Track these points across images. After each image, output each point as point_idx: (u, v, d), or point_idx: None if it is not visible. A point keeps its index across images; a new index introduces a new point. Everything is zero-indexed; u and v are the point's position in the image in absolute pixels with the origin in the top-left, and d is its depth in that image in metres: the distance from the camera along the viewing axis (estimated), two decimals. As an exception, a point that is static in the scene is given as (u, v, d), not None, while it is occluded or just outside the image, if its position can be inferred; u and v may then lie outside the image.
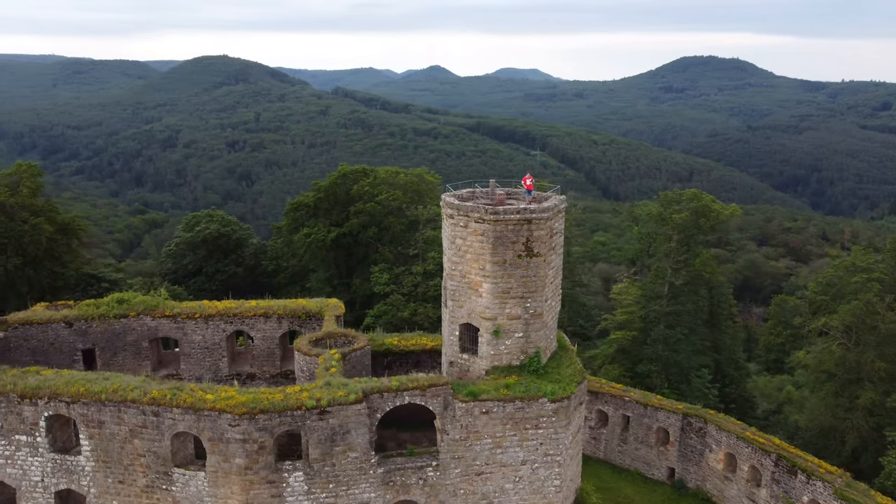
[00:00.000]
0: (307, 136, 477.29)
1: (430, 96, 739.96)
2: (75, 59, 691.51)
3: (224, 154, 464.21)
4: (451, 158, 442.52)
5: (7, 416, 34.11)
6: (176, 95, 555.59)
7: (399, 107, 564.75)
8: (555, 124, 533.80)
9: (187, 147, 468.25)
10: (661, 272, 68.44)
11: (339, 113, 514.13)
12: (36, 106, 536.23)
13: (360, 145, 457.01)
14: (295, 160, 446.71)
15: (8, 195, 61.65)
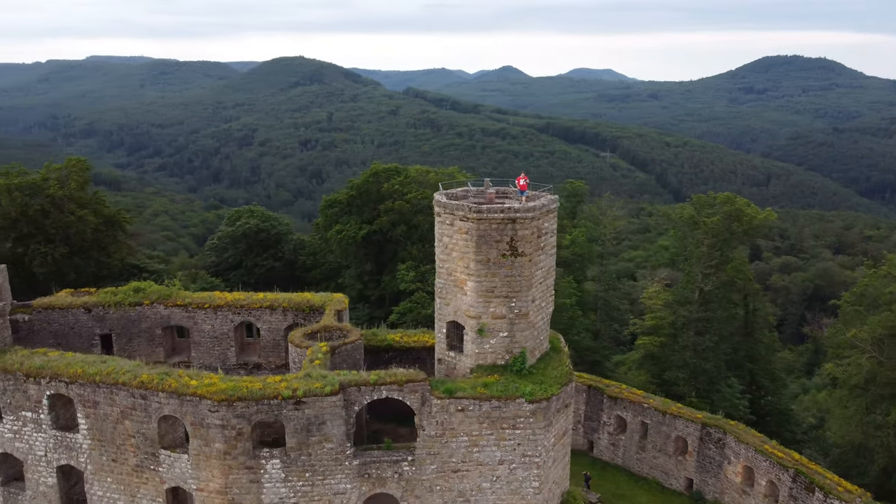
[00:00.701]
0: (377, 136, 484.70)
1: (500, 97, 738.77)
2: (162, 61, 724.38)
3: (297, 152, 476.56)
4: (518, 159, 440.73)
5: (14, 394, 36.54)
6: (254, 95, 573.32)
7: (469, 107, 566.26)
8: (626, 125, 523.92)
9: (262, 145, 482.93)
10: (692, 277, 66.64)
11: (408, 113, 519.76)
12: (124, 105, 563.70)
13: (428, 145, 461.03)
14: (364, 159, 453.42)
15: (57, 188, 65.55)
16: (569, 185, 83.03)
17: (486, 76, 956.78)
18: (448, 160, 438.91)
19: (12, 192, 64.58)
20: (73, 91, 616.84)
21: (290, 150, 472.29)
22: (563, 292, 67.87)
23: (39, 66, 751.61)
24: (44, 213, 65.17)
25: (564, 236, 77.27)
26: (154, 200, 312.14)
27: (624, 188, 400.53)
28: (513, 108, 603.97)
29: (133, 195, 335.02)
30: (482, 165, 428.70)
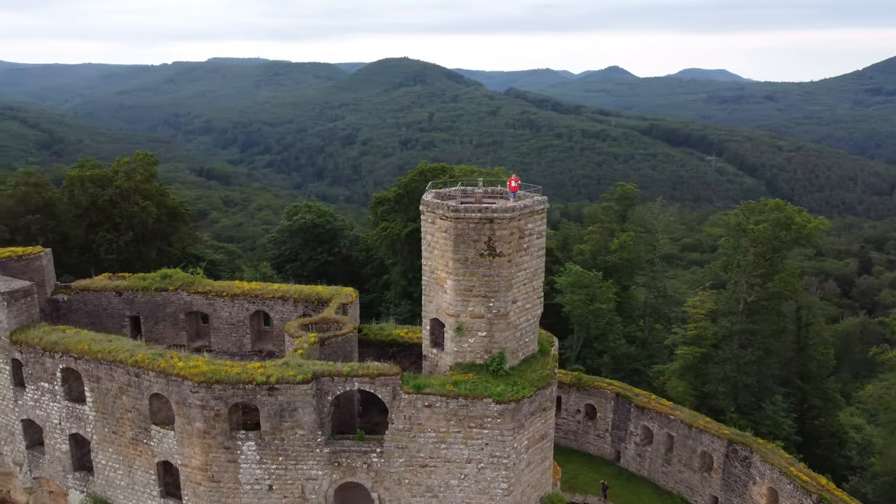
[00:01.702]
0: (475, 136, 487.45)
1: (605, 98, 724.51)
2: (275, 62, 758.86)
3: (396, 152, 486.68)
4: (617, 162, 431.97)
5: (35, 366, 40.20)
6: (359, 95, 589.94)
7: (570, 108, 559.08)
8: (735, 128, 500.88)
9: (364, 144, 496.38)
10: (737, 287, 63.70)
11: (508, 113, 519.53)
12: (239, 104, 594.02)
13: (526, 146, 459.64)
14: (461, 159, 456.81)
15: (124, 180, 70.83)
16: (619, 188, 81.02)
17: (590, 77, 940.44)
18: (545, 161, 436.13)
19: (84, 183, 70.41)
20: (194, 91, 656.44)
21: (391, 150, 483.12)
22: (602, 297, 66.65)
23: (166, 67, 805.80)
24: (111, 203, 70.65)
25: (612, 240, 75.75)
26: (259, 195, 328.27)
27: (729, 194, 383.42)
28: (617, 109, 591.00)
29: (241, 189, 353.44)
30: (580, 167, 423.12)
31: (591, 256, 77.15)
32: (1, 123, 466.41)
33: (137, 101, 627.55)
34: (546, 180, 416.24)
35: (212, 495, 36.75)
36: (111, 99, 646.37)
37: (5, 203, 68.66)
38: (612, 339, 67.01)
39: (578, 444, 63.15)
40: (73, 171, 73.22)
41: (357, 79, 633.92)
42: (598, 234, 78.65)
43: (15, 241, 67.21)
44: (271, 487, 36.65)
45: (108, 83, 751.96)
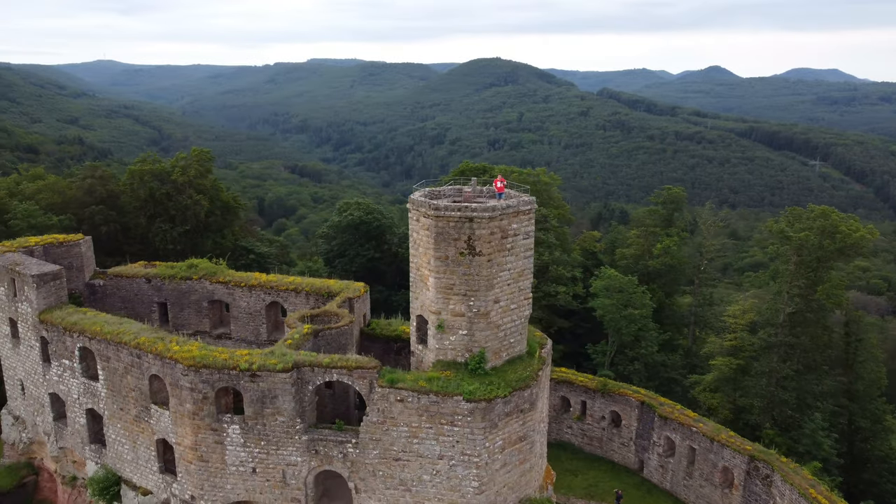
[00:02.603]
0: (564, 137, 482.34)
1: (704, 99, 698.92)
2: (371, 63, 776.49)
3: (484, 152, 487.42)
4: (712, 165, 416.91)
5: (58, 344, 43.54)
6: (450, 96, 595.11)
7: (665, 109, 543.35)
8: (844, 131, 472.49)
9: (452, 144, 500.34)
10: (778, 297, 60.70)
11: (599, 114, 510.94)
12: (334, 104, 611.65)
13: (616, 147, 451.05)
14: (549, 160, 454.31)
15: (179, 174, 75.03)
16: (665, 192, 78.51)
17: (689, 77, 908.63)
18: (635, 164, 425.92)
19: (144, 176, 75.09)
20: (293, 91, 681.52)
21: (479, 150, 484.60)
22: (636, 303, 65.10)
23: (268, 68, 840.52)
24: (168, 196, 74.96)
25: (656, 245, 73.73)
26: (347, 193, 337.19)
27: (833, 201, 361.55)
28: (715, 110, 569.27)
29: (330, 187, 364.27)
30: (671, 170, 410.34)
31: (634, 261, 75.28)
32: (117, 120, 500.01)
33: (240, 101, 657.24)
34: (635, 183, 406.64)
35: (201, 474, 38.72)
36: (216, 98, 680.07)
37: (75, 194, 74.18)
38: (644, 345, 65.23)
39: (603, 451, 62.03)
40: (135, 165, 78.22)
41: (448, 79, 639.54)
42: (642, 238, 76.62)
43: (80, 229, 72.51)
44: (255, 470, 38.25)
45: (214, 83, 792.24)
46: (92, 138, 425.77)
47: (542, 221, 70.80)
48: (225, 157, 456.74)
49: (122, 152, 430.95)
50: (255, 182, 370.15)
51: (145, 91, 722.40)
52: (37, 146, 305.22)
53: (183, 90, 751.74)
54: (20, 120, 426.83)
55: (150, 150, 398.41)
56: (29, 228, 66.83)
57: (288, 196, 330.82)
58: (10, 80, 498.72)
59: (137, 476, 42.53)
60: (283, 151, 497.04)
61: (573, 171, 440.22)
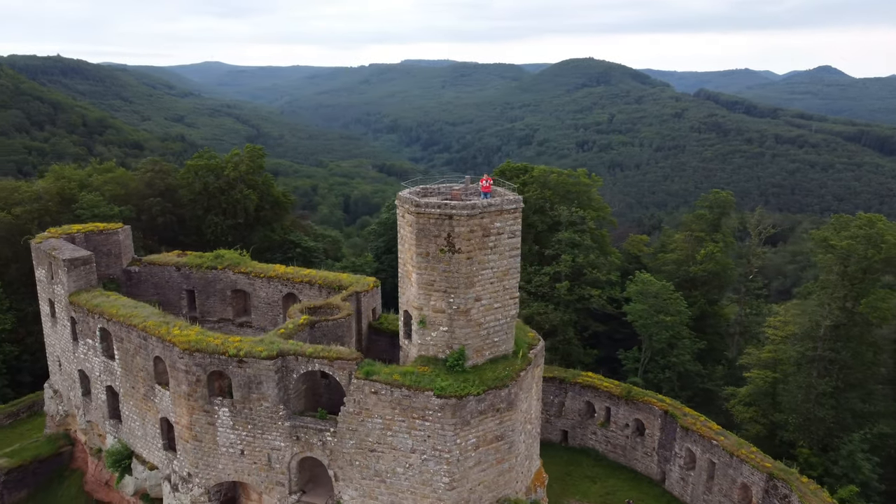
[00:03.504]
0: (656, 140, 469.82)
1: (811, 100, 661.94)
2: (462, 63, 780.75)
3: (572, 153, 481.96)
4: (814, 170, 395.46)
5: (83, 324, 46.83)
6: (540, 96, 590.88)
7: (766, 111, 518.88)
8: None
9: (540, 145, 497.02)
10: (820, 309, 57.38)
11: (694, 116, 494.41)
12: (424, 105, 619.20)
13: (710, 151, 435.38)
14: (639, 163, 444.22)
15: (231, 169, 78.63)
16: (713, 195, 75.37)
17: (796, 77, 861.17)
18: (730, 168, 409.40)
19: (199, 171, 79.13)
20: (385, 91, 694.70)
21: (566, 151, 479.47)
22: (669, 309, 63.19)
23: (363, 69, 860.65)
24: (220, 190, 78.70)
25: (700, 250, 71.22)
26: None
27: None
28: (822, 113, 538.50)
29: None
30: (769, 175, 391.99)
31: (677, 266, 72.89)
32: (219, 119, 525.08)
33: (335, 101, 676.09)
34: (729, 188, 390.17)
35: (196, 452, 40.75)
36: (313, 98, 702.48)
37: (137, 186, 79.13)
38: (675, 353, 63.13)
39: (626, 459, 60.55)
40: (192, 160, 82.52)
41: (539, 80, 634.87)
42: (687, 243, 74.01)
43: (140, 219, 77.43)
44: (243, 452, 39.91)
45: (311, 84, 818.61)
46: (194, 135, 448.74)
47: (578, 223, 69.85)
48: (317, 156, 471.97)
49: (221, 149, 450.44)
50: (343, 180, 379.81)
51: (247, 91, 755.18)
52: (142, 142, 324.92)
53: (282, 90, 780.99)
54: (132, 118, 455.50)
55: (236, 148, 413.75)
56: (93, 217, 71.82)
57: (373, 194, 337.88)
58: (124, 80, 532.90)
59: (146, 451, 45.22)
60: (372, 150, 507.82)
61: (664, 174, 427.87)
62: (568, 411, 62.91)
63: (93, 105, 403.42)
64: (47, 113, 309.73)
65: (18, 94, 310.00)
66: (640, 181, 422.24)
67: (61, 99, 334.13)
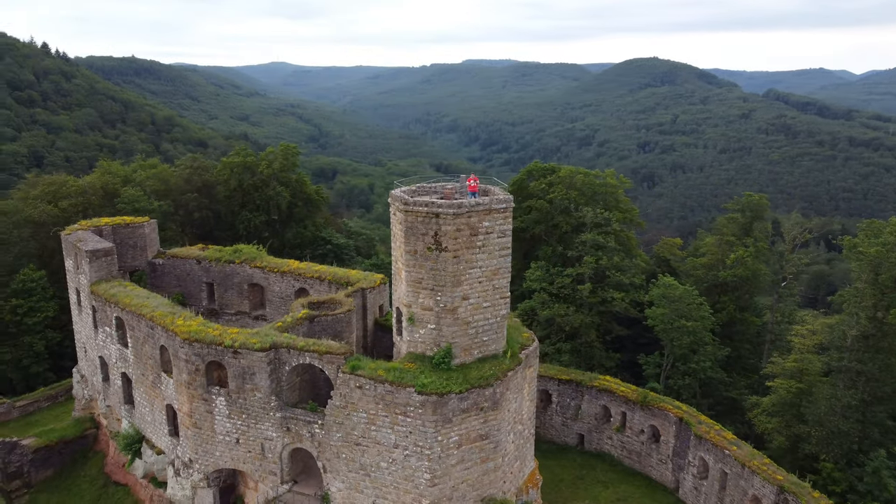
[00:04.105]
0: (721, 141, 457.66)
1: (890, 101, 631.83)
2: (524, 63, 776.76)
3: (633, 154, 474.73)
4: (890, 175, 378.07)
5: (101, 313, 49.04)
6: (602, 97, 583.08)
7: (839, 112, 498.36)
8: None
9: (600, 146, 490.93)
10: (849, 318, 55.11)
11: (762, 117, 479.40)
12: (484, 105, 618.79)
13: (778, 153, 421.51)
14: (702, 165, 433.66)
15: (265, 167, 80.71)
16: (745, 198, 73.00)
17: (874, 77, 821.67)
18: (799, 171, 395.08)
19: (234, 168, 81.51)
20: (446, 91, 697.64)
21: (627, 152, 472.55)
22: (691, 314, 61.77)
23: (424, 69, 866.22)
24: (254, 187, 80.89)
25: (729, 255, 69.30)
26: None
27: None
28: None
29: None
30: (840, 179, 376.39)
31: (706, 270, 71.03)
32: (282, 118, 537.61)
33: (396, 101, 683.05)
34: (798, 192, 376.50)
35: (196, 439, 42.19)
36: (374, 98, 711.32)
37: (176, 182, 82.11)
38: (696, 360, 61.57)
39: (641, 466, 59.49)
40: (228, 158, 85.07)
41: (602, 79, 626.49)
42: (717, 247, 72.00)
43: (177, 213, 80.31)
44: (238, 441, 41.11)
45: (373, 84, 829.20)
46: (258, 134, 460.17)
47: (603, 225, 68.92)
48: (376, 155, 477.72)
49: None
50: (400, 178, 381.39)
51: (311, 91, 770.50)
52: (206, 140, 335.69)
53: (345, 90, 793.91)
54: (200, 116, 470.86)
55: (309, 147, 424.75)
56: (133, 211, 75.00)
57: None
58: (194, 80, 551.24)
59: (155, 436, 47.04)
60: (431, 150, 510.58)
61: (728, 176, 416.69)
62: (584, 415, 62.19)
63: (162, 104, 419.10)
64: (119, 112, 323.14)
65: (93, 94, 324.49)
66: (702, 184, 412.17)
67: (132, 98, 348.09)
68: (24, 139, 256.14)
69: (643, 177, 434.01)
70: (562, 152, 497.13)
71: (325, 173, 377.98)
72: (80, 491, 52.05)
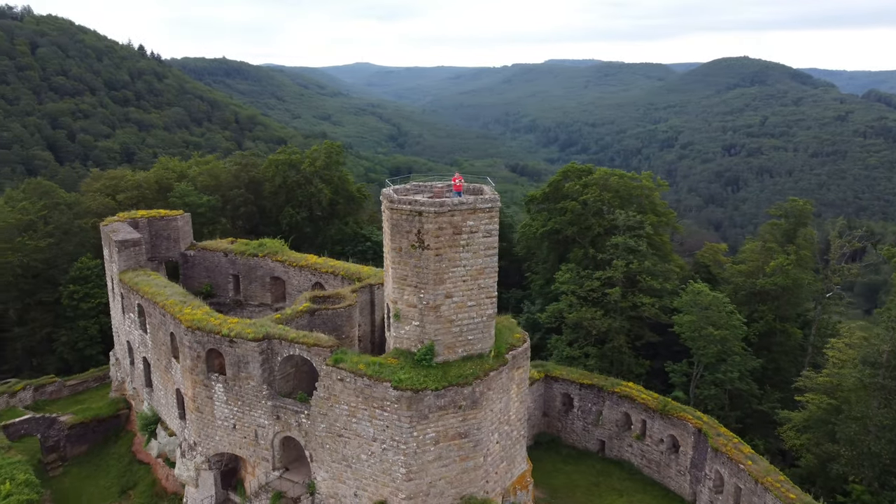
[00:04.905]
0: (813, 144, 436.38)
1: None
2: (607, 63, 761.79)
3: (717, 157, 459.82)
4: None
5: (127, 300, 51.91)
6: (686, 97, 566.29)
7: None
8: None
9: (683, 148, 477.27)
10: (885, 332, 51.93)
11: (860, 119, 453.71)
12: (565, 105, 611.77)
13: (875, 157, 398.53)
14: (791, 169, 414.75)
15: (308, 164, 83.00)
16: (789, 203, 69.48)
17: None
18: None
19: (279, 165, 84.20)
20: (526, 91, 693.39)
21: (711, 155, 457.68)
22: (721, 323, 59.67)
23: (505, 69, 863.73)
24: (297, 184, 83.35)
25: (769, 263, 66.46)
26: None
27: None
28: None
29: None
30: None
31: (745, 278, 68.26)
32: (363, 118, 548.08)
33: (476, 100, 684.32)
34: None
35: (199, 423, 44.11)
36: (455, 98, 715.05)
37: (225, 178, 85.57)
38: (723, 370, 59.36)
39: (660, 476, 57.98)
40: (274, 155, 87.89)
41: (687, 80, 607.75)
42: (758, 254, 69.01)
43: (225, 209, 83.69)
44: (235, 426, 42.71)
45: (454, 84, 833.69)
46: (339, 133, 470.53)
47: (636, 228, 67.38)
48: (452, 154, 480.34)
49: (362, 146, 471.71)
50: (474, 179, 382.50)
51: (393, 91, 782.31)
52: (287, 138, 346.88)
53: (426, 90, 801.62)
54: (283, 116, 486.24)
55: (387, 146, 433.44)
56: (183, 205, 78.68)
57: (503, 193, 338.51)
58: (280, 81, 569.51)
59: (168, 419, 49.44)
60: (508, 150, 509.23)
61: (819, 181, 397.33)
62: (605, 421, 61.08)
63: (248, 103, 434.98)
64: (205, 110, 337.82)
65: (182, 93, 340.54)
66: (790, 189, 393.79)
67: (218, 97, 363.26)
68: (118, 136, 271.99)
69: (727, 180, 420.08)
70: (642, 154, 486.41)
71: (401, 172, 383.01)
72: (107, 467, 55.22)
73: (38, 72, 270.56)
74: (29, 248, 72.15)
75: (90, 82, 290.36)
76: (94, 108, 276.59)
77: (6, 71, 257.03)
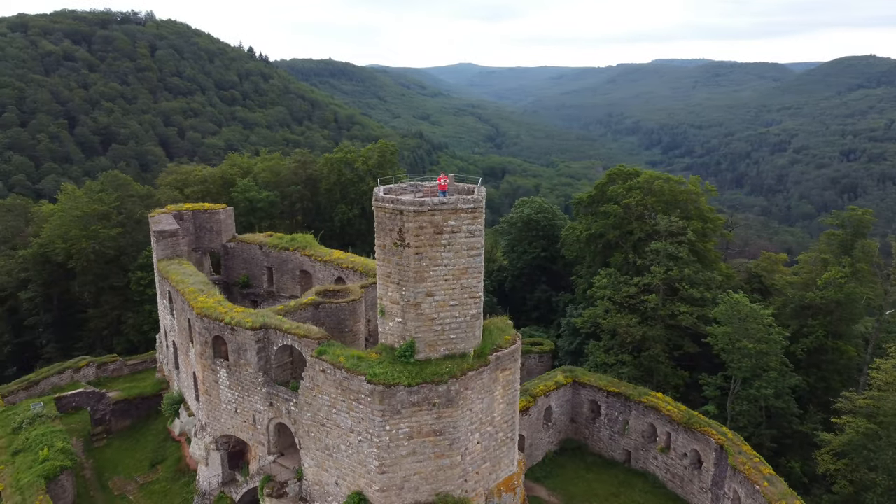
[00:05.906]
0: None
1: None
2: (718, 63, 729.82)
3: (834, 163, 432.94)
4: None
5: (162, 287, 55.37)
6: (803, 98, 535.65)
7: None
8: None
9: (797, 152, 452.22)
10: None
11: None
12: (670, 106, 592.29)
13: None
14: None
15: (361, 163, 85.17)
16: (847, 212, 64.52)
17: None
18: None
19: (334, 164, 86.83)
20: (631, 92, 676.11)
21: (827, 160, 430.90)
22: (758, 336, 56.78)
23: (610, 69, 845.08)
24: (351, 182, 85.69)
25: (822, 274, 62.47)
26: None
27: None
28: None
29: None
30: None
31: (797, 291, 64.34)
32: (462, 118, 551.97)
33: (578, 101, 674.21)
34: None
35: (207, 405, 46.62)
36: (556, 98, 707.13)
37: (285, 174, 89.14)
38: (756, 385, 56.31)
39: (683, 491, 56.00)
40: (331, 154, 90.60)
41: (805, 80, 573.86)
42: (812, 265, 64.79)
43: (282, 203, 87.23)
44: (236, 410, 44.85)
45: (556, 84, 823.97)
46: (436, 133, 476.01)
47: (677, 234, 65.04)
48: (550, 155, 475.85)
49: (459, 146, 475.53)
50: (568, 181, 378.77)
51: (495, 91, 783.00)
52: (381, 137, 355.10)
53: (528, 90, 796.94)
54: (384, 115, 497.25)
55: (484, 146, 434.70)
56: (244, 200, 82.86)
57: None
58: (382, 81, 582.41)
59: (189, 399, 52.38)
60: (608, 152, 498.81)
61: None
62: (632, 431, 59.46)
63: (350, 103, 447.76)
64: (306, 110, 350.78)
65: (286, 93, 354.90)
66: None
67: (319, 97, 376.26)
68: (223, 133, 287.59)
69: (843, 187, 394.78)
70: (751, 158, 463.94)
71: (495, 172, 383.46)
72: (145, 442, 59.13)
73: (156, 73, 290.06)
74: (102, 235, 77.90)
75: (201, 82, 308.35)
76: (203, 106, 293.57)
77: (127, 72, 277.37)
